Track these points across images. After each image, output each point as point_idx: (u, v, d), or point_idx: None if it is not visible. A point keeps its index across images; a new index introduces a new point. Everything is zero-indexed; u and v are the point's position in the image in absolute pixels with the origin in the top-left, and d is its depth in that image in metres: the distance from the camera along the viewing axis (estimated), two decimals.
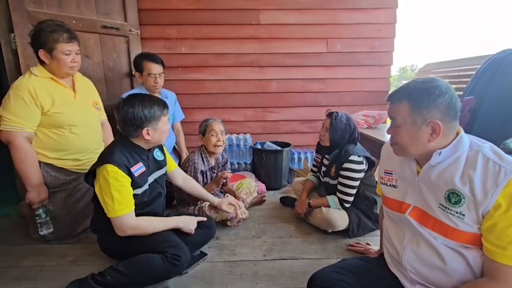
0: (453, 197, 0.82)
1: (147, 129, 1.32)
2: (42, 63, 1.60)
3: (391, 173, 1.02)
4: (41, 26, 1.54)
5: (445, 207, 0.84)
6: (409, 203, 0.94)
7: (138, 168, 1.33)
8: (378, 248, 1.38)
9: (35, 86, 1.53)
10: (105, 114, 1.98)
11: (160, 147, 1.55)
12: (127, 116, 1.28)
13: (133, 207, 1.29)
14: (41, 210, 1.56)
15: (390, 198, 1.01)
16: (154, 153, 1.48)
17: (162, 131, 1.38)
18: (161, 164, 1.51)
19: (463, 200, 0.80)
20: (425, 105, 0.82)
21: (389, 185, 1.03)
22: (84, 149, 1.74)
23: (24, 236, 1.74)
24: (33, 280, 1.39)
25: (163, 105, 1.37)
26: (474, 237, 0.80)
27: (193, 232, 1.48)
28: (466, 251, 0.82)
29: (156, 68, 2.16)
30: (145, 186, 1.38)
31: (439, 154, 0.84)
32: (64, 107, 1.62)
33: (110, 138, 1.93)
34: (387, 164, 1.06)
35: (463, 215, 0.80)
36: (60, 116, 1.61)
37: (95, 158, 1.35)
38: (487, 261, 0.79)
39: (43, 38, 1.52)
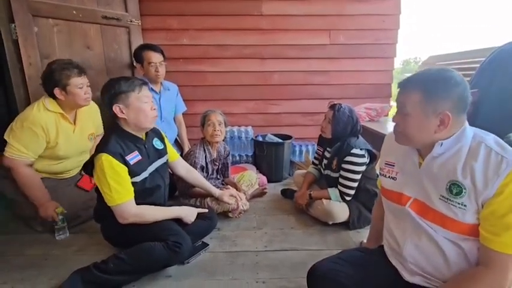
0: (454, 188, 0.82)
1: (118, 106, 1.31)
2: (55, 98, 1.67)
3: (393, 165, 1.01)
4: (52, 67, 1.62)
5: (447, 199, 0.84)
6: (409, 195, 0.93)
7: (134, 157, 1.34)
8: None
9: (47, 121, 1.63)
10: (102, 129, 2.04)
11: (160, 136, 1.55)
12: (101, 95, 1.32)
13: (133, 194, 1.31)
14: (60, 217, 1.65)
15: (389, 189, 1.01)
16: (153, 142, 1.48)
17: (138, 109, 1.33)
18: (161, 153, 1.52)
19: (464, 191, 0.80)
20: (439, 95, 0.80)
21: (389, 176, 1.02)
22: (69, 169, 1.86)
23: (29, 226, 1.76)
24: (37, 268, 1.42)
25: (134, 81, 1.34)
26: (473, 227, 0.81)
27: (191, 222, 1.50)
28: (464, 242, 0.83)
29: (155, 57, 2.15)
30: (145, 174, 1.39)
31: (441, 145, 0.84)
32: (62, 141, 1.70)
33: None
34: (390, 155, 1.04)
35: (465, 205, 0.80)
36: (55, 150, 1.69)
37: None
38: (482, 248, 0.80)
39: (57, 77, 1.60)
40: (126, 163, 1.29)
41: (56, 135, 1.67)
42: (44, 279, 1.34)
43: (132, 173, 1.32)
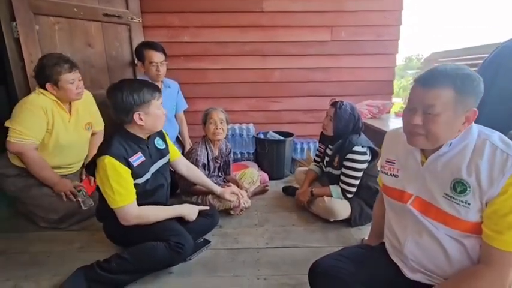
0: (459, 186, 0.81)
1: (139, 114, 1.29)
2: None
3: (394, 162, 1.01)
4: (43, 62, 1.62)
5: (451, 197, 0.83)
6: (411, 193, 0.93)
7: (137, 158, 1.32)
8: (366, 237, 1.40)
9: (46, 104, 1.65)
10: (102, 124, 2.04)
11: (162, 135, 1.54)
12: (117, 101, 1.26)
13: (135, 197, 1.30)
14: (80, 193, 1.76)
15: (390, 187, 1.01)
16: (155, 142, 1.47)
17: (156, 116, 1.35)
18: (163, 153, 1.51)
19: (468, 189, 0.80)
20: (470, 92, 0.78)
21: (390, 174, 1.01)
22: (69, 164, 1.87)
23: (32, 223, 1.78)
24: (40, 265, 1.43)
25: (154, 88, 1.34)
26: (476, 225, 0.80)
27: (193, 220, 1.50)
28: (466, 240, 0.83)
29: (157, 56, 2.14)
30: (147, 176, 1.38)
31: (450, 145, 0.83)
32: (60, 126, 1.71)
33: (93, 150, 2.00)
34: (390, 152, 1.03)
35: (469, 204, 0.80)
36: (53, 134, 1.69)
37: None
38: (484, 246, 0.80)
39: (48, 72, 1.61)
40: (129, 165, 1.28)
41: (52, 120, 1.68)
42: (48, 276, 1.35)
43: (135, 175, 1.31)
